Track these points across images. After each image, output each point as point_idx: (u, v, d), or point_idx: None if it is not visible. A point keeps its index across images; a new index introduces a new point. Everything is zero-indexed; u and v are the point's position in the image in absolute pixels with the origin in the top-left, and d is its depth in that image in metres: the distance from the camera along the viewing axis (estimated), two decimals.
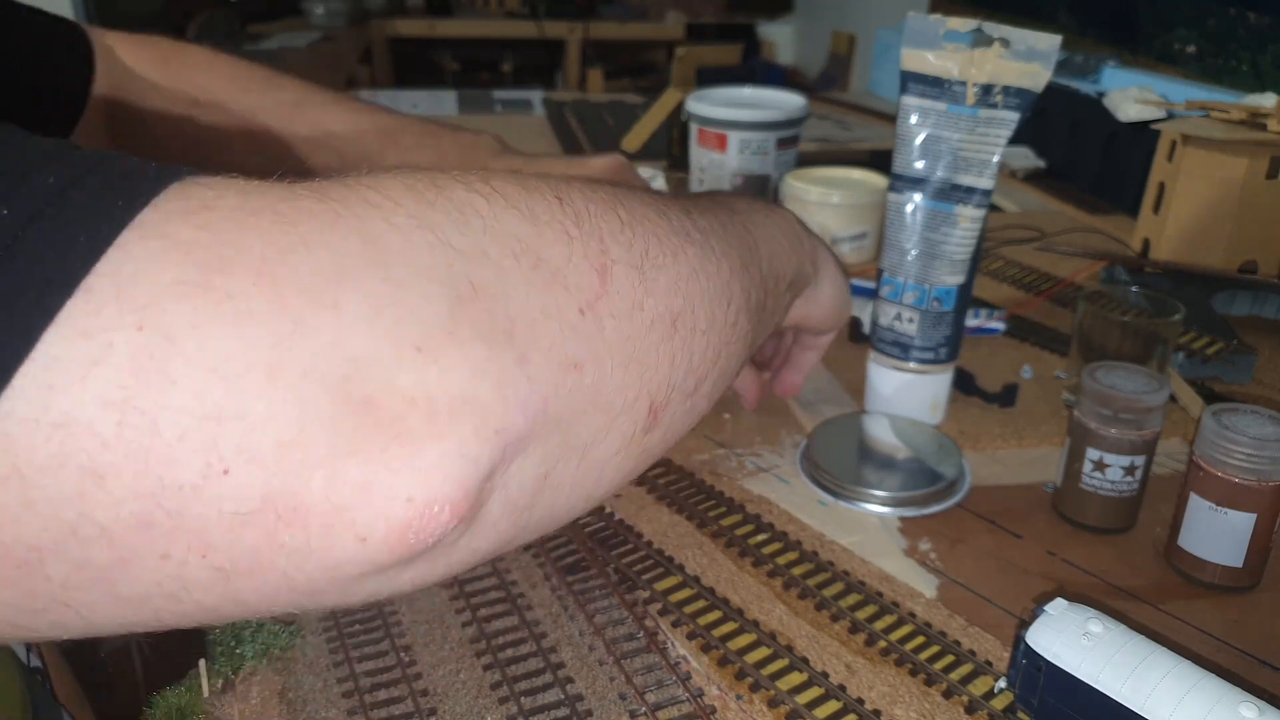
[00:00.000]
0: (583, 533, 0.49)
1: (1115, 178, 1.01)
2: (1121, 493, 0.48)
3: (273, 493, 0.21)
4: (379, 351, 0.21)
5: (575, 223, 0.28)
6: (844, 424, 0.58)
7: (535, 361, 0.25)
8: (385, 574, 0.23)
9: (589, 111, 1.42)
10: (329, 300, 0.21)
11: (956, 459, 0.54)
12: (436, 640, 0.42)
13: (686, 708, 0.39)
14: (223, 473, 0.20)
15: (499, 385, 0.23)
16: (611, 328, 0.27)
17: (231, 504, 0.20)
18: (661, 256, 0.30)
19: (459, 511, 0.23)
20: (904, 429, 0.57)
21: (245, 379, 0.20)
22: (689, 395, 0.32)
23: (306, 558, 0.22)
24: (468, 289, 0.24)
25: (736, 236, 0.37)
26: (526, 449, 0.25)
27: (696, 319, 0.31)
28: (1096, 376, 0.48)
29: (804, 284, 0.47)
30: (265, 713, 0.38)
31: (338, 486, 0.21)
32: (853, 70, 1.86)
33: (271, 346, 0.20)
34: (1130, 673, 0.34)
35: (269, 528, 0.21)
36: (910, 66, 0.54)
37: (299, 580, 0.22)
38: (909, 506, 0.51)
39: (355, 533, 0.21)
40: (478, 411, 0.23)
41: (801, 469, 0.55)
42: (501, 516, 0.26)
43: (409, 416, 0.22)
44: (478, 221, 0.25)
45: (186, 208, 0.21)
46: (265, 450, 0.20)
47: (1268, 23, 0.96)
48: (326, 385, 0.21)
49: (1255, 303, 0.75)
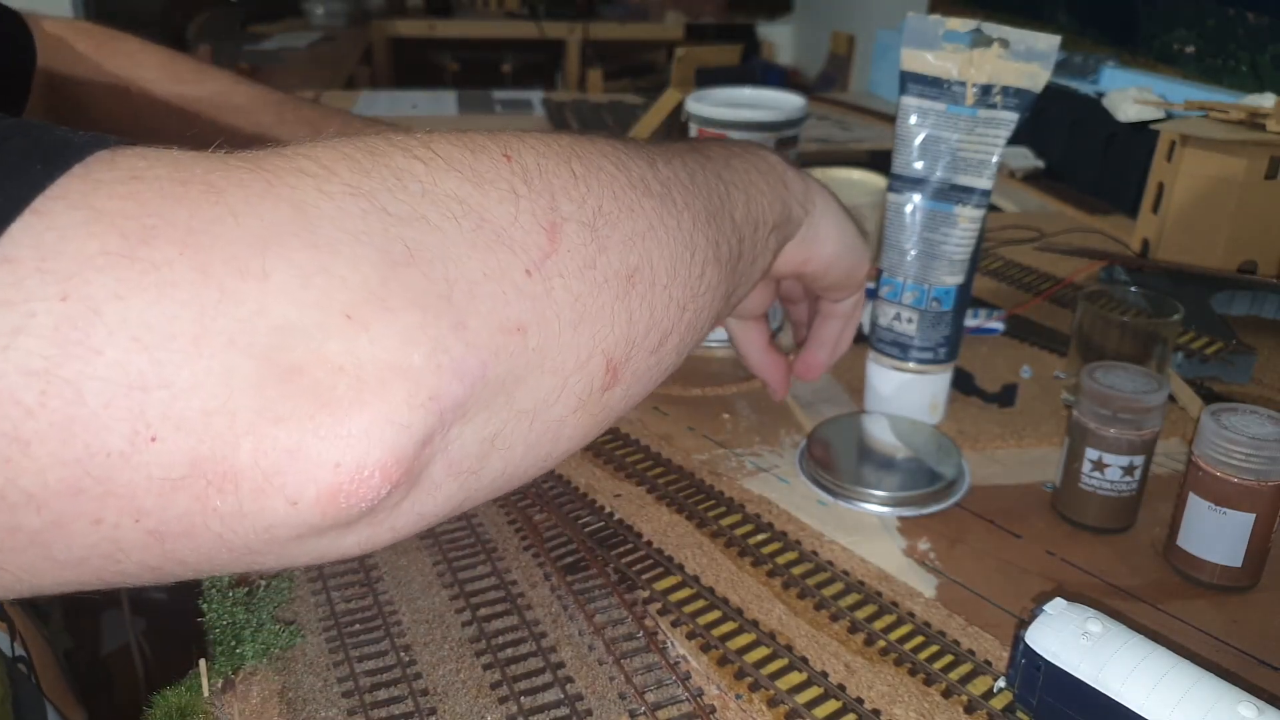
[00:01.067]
0: (582, 532, 0.49)
1: (1114, 178, 1.01)
2: (1120, 493, 0.49)
3: (201, 459, 0.21)
4: (306, 319, 0.22)
5: (524, 180, 0.27)
6: (843, 424, 0.58)
7: (473, 326, 0.24)
8: (324, 536, 0.24)
9: (589, 112, 1.42)
10: (256, 269, 0.21)
11: (956, 459, 0.54)
12: (436, 640, 0.42)
13: (686, 707, 0.39)
14: (150, 440, 0.20)
15: (432, 352, 0.23)
16: (560, 287, 0.27)
17: (160, 470, 0.21)
18: (616, 212, 0.30)
19: (391, 477, 0.23)
20: (903, 429, 0.57)
21: (170, 348, 0.20)
22: (653, 351, 0.32)
23: (239, 520, 0.22)
24: (403, 254, 0.23)
25: (704, 184, 0.36)
26: (468, 414, 0.25)
27: (655, 274, 0.31)
28: (1095, 376, 0.48)
29: (794, 226, 0.45)
30: (265, 712, 0.38)
31: (266, 452, 0.21)
32: (852, 70, 1.86)
33: (196, 316, 0.20)
34: (1129, 672, 0.34)
35: (200, 492, 0.21)
36: (910, 67, 0.54)
37: (235, 541, 0.22)
38: (908, 506, 0.51)
39: (285, 496, 0.22)
40: (409, 378, 0.23)
41: (801, 469, 0.55)
42: (446, 479, 0.26)
43: (337, 384, 0.22)
44: (415, 186, 0.25)
45: (115, 177, 0.21)
46: (192, 418, 0.20)
47: (1267, 23, 0.96)
48: (253, 353, 0.21)
49: (1254, 303, 0.75)
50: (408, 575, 0.46)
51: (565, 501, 0.52)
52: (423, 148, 0.26)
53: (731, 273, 0.37)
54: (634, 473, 0.54)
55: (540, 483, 0.53)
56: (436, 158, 0.26)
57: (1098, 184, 1.05)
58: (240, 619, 0.42)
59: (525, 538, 0.49)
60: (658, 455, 0.56)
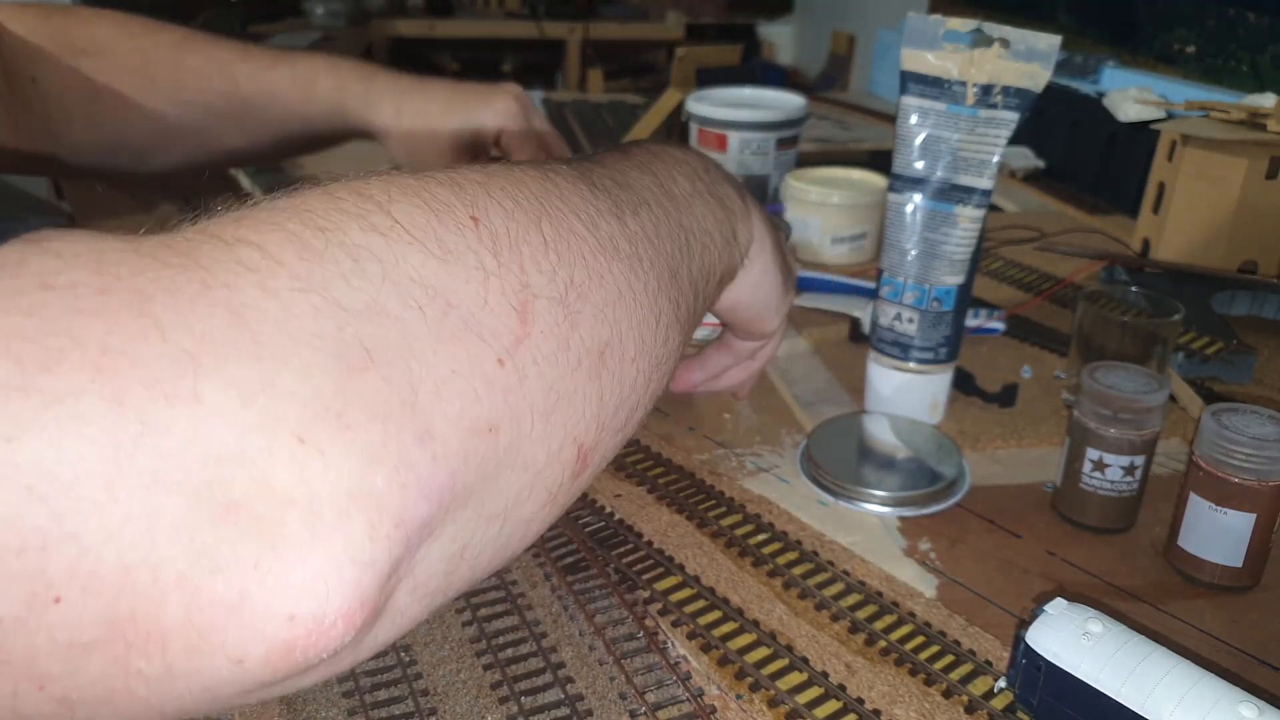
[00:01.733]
0: (583, 532, 0.49)
1: (1115, 178, 1.01)
2: (1121, 493, 0.49)
3: (119, 619, 0.18)
4: (249, 445, 0.19)
5: (493, 251, 0.24)
6: (844, 424, 0.58)
7: (440, 433, 0.21)
8: (278, 686, 0.21)
9: (589, 112, 1.42)
10: (185, 391, 0.18)
11: (956, 459, 0.54)
12: (436, 640, 0.42)
13: (686, 707, 0.39)
14: (53, 601, 0.18)
15: (396, 470, 0.20)
16: (534, 375, 0.24)
17: (66, 634, 0.18)
18: (587, 282, 0.27)
19: (354, 622, 0.20)
20: (904, 429, 0.57)
21: (73, 495, 0.17)
22: (619, 430, 0.29)
23: (171, 684, 0.19)
24: (360, 357, 0.21)
25: (669, 237, 0.33)
26: (435, 532, 0.22)
27: (625, 347, 0.28)
28: (1096, 376, 0.48)
29: (732, 276, 0.42)
30: (265, 712, 0.38)
31: (201, 608, 0.18)
32: (852, 70, 1.86)
33: (110, 455, 0.18)
34: (1130, 672, 0.34)
35: (118, 655, 0.18)
36: (910, 67, 0.54)
37: (167, 703, 0.20)
38: (908, 506, 0.51)
39: (227, 656, 0.19)
40: (372, 505, 0.20)
41: (801, 469, 0.55)
42: (411, 604, 0.23)
43: (287, 519, 0.19)
44: (375, 268, 0.22)
45: (17, 286, 0.18)
46: (105, 574, 0.18)
47: (1267, 23, 0.96)
48: (183, 492, 0.18)
49: (1255, 303, 0.75)
50: None
51: None
52: (381, 214, 0.23)
53: (687, 331, 0.35)
54: (634, 473, 0.54)
55: None
56: (397, 226, 0.23)
57: (1098, 184, 1.05)
58: None
59: None
60: (658, 455, 0.56)
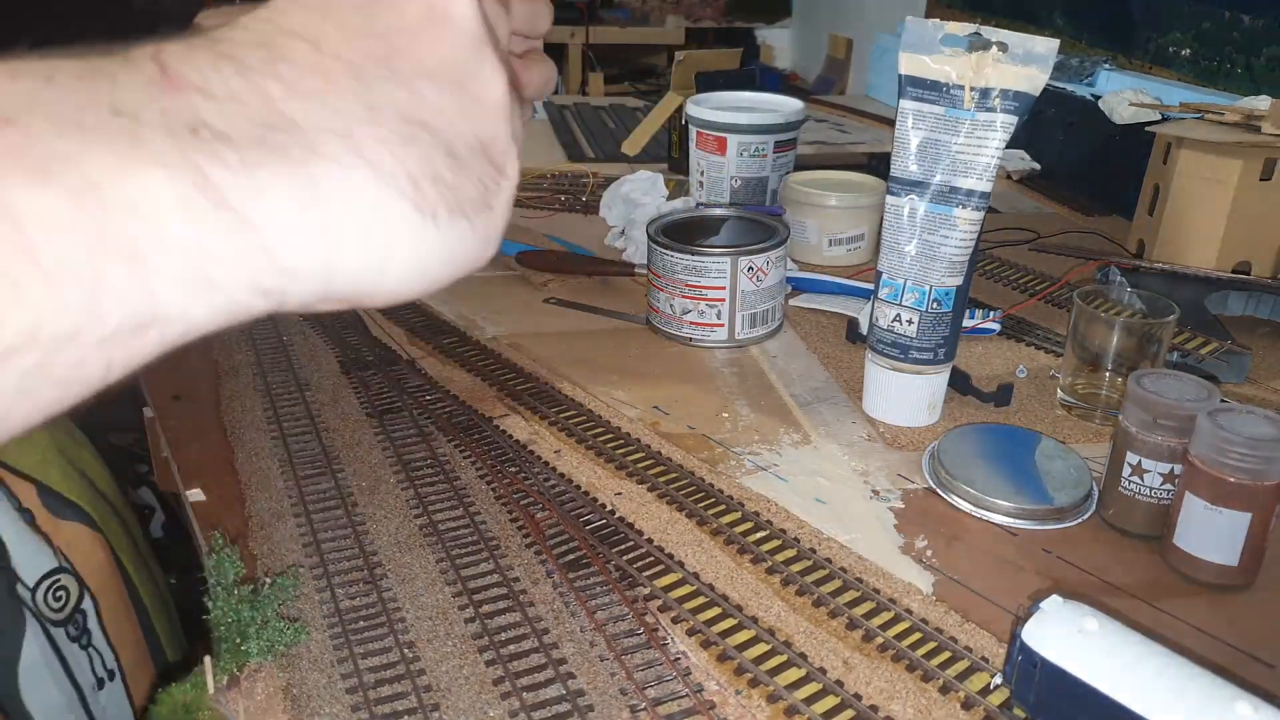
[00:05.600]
0: (584, 530, 0.49)
1: (1110, 180, 1.02)
2: (1160, 500, 0.48)
3: None
4: None
5: None
6: (973, 434, 0.57)
7: None
8: None
9: (590, 115, 1.43)
10: None
11: (1087, 481, 0.53)
12: (439, 636, 0.42)
13: (686, 703, 0.39)
14: None
15: None
16: None
17: None
18: None
19: None
20: (1043, 446, 0.55)
21: None
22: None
23: None
24: None
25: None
26: None
27: None
28: (1143, 383, 0.48)
29: None
30: (270, 708, 0.38)
31: None
32: (850, 74, 1.87)
33: None
34: (1125, 669, 0.35)
35: None
36: (908, 70, 0.54)
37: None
38: (1030, 520, 0.50)
39: None
40: None
41: (927, 471, 0.54)
42: None
43: None
44: None
45: None
46: None
47: (1261, 25, 0.96)
48: None
49: (1249, 303, 0.75)
50: (411, 572, 0.46)
51: (567, 499, 0.52)
52: None
53: None
54: (635, 471, 0.54)
55: (542, 480, 0.53)
56: None
57: (1093, 186, 1.05)
58: (245, 616, 0.42)
59: (527, 535, 0.49)
60: (658, 454, 0.56)
